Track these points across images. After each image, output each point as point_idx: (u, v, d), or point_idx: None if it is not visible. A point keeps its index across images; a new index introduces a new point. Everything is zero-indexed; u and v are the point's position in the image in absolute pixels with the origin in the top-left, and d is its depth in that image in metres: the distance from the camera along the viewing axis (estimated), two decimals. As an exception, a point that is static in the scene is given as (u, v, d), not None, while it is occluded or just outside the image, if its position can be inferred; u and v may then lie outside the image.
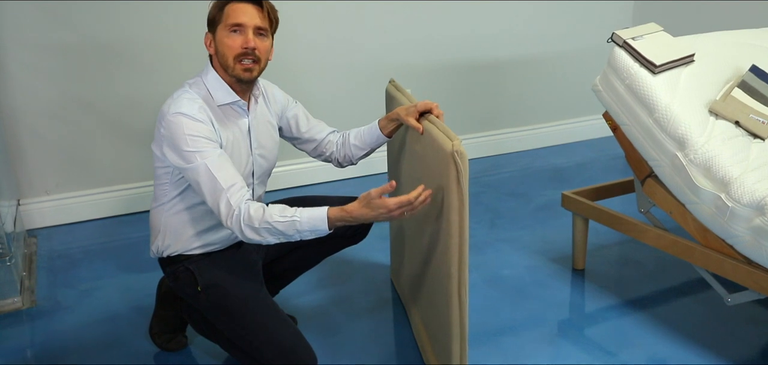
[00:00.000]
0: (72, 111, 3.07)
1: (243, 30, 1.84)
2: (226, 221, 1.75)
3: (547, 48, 4.06)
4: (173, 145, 1.79)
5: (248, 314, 1.86)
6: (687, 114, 2.15)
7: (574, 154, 4.11)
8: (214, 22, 1.87)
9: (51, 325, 2.35)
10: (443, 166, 1.69)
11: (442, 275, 1.80)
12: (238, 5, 1.84)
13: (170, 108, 1.81)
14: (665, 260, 2.71)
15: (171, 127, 1.78)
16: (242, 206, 1.73)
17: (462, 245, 1.70)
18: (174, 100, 1.83)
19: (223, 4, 1.85)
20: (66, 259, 2.85)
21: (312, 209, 1.72)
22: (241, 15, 1.84)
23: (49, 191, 3.14)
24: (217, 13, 1.86)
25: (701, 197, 2.06)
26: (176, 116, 1.77)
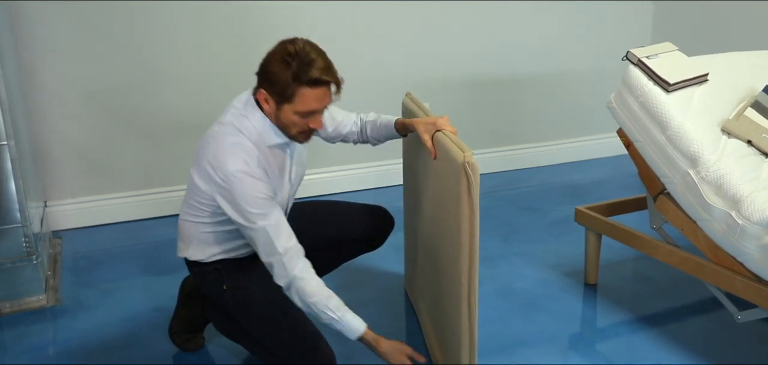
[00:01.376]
0: (97, 116, 3.16)
1: (314, 114, 1.83)
2: (276, 279, 1.86)
3: (566, 65, 4.09)
4: (234, 202, 1.80)
5: (271, 313, 1.94)
6: (699, 132, 2.17)
7: (590, 171, 4.12)
8: (280, 95, 1.80)
9: (73, 323, 2.42)
10: (455, 177, 1.74)
11: (452, 283, 1.84)
12: (313, 92, 1.78)
13: (228, 162, 1.78)
14: (678, 277, 2.72)
15: (233, 185, 1.78)
16: (297, 273, 1.83)
17: (472, 254, 1.74)
18: (229, 150, 1.79)
19: (295, 85, 1.77)
20: (89, 260, 2.93)
21: (350, 319, 1.89)
22: (315, 103, 1.81)
23: (74, 194, 3.23)
24: (286, 90, 1.78)
25: (712, 215, 2.08)
26: (240, 176, 1.77)
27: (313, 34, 3.37)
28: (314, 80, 1.77)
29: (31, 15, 2.93)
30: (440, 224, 1.95)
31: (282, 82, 1.77)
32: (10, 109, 2.35)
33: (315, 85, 1.78)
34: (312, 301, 1.85)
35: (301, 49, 1.78)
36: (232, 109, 1.90)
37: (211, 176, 1.82)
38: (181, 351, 2.23)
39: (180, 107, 3.29)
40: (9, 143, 2.35)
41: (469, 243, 1.73)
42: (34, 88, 3.02)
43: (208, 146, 1.85)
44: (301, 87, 1.77)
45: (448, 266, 1.89)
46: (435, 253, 2.06)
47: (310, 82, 1.77)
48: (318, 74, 1.77)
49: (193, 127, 3.31)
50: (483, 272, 2.78)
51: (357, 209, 2.29)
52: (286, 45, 1.79)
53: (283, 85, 1.78)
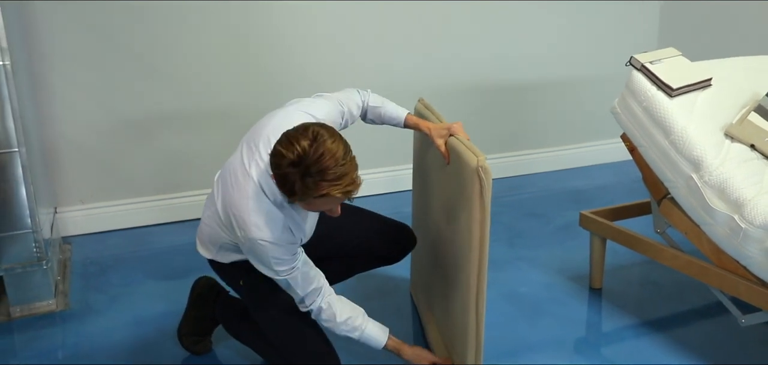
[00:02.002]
0: (107, 123, 3.20)
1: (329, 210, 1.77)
2: (298, 306, 1.93)
3: (570, 70, 4.11)
4: (255, 259, 1.82)
5: (284, 314, 1.97)
6: (702, 137, 2.19)
7: (595, 176, 4.13)
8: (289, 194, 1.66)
9: (82, 327, 2.45)
10: (468, 180, 1.76)
11: (460, 287, 1.86)
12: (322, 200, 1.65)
13: (252, 229, 1.72)
14: (683, 281, 2.72)
15: (256, 249, 1.76)
16: (315, 308, 1.91)
17: (482, 258, 1.76)
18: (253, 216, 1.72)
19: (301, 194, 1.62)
20: (98, 265, 2.96)
21: (371, 330, 1.96)
22: (326, 207, 1.72)
23: (84, 200, 3.27)
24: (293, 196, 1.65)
25: (715, 219, 2.09)
26: (264, 245, 1.74)
27: (323, 42, 3.43)
28: (322, 195, 1.63)
29: (43, 23, 2.98)
30: (450, 229, 1.97)
31: (287, 188, 1.64)
32: (21, 116, 2.39)
33: (323, 197, 1.64)
34: (335, 323, 1.93)
35: (309, 152, 1.59)
36: (256, 157, 1.78)
37: (234, 229, 1.80)
38: (189, 355, 2.26)
39: (189, 114, 3.32)
40: (20, 150, 2.39)
41: (479, 247, 1.75)
42: (45, 95, 3.06)
43: (232, 194, 1.77)
44: (309, 197, 1.64)
45: (456, 270, 1.91)
46: (444, 257, 2.08)
47: (319, 196, 1.63)
48: (326, 190, 1.61)
49: (202, 133, 3.35)
50: (489, 277, 2.74)
51: (379, 223, 2.24)
52: (292, 146, 1.60)
53: (289, 191, 1.64)
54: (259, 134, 1.82)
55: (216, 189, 1.90)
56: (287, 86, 3.38)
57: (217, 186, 1.90)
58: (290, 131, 1.65)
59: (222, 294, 2.23)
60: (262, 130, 1.84)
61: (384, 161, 3.73)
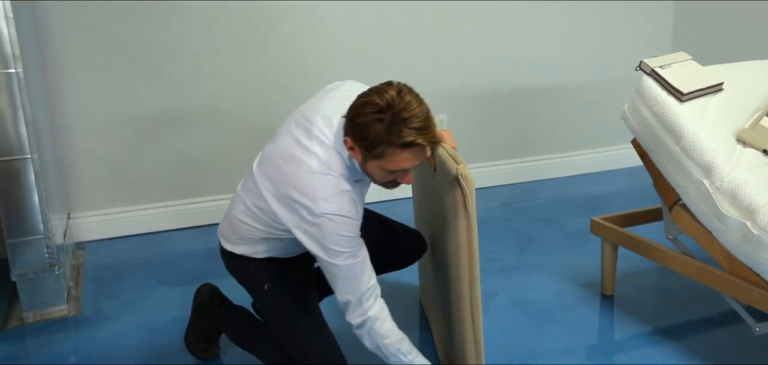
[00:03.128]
0: (120, 129, 3.23)
1: (405, 172, 1.69)
2: (348, 314, 1.81)
3: (583, 75, 4.09)
4: (320, 241, 1.71)
5: (302, 322, 1.96)
6: (714, 142, 2.16)
7: (608, 182, 4.10)
8: (368, 151, 1.63)
9: (94, 333, 2.47)
10: (451, 189, 1.75)
11: (456, 295, 1.86)
12: (405, 153, 1.62)
13: (321, 203, 1.66)
14: (696, 288, 2.69)
15: (324, 226, 1.68)
16: (373, 314, 1.79)
17: (472, 265, 1.75)
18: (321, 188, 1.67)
19: (385, 145, 1.60)
20: (111, 271, 2.99)
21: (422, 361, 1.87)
22: (406, 163, 1.65)
23: (97, 206, 3.30)
24: (375, 148, 1.61)
25: (727, 225, 2.06)
26: (335, 218, 1.67)
27: (326, 49, 3.44)
28: (408, 144, 1.60)
29: (55, 31, 3.02)
30: (442, 237, 1.97)
31: (371, 139, 1.60)
32: (34, 123, 2.42)
33: (408, 147, 1.61)
34: (385, 343, 1.82)
35: (394, 101, 1.59)
36: (316, 133, 1.75)
37: (295, 210, 1.71)
38: (197, 361, 2.27)
39: (202, 119, 3.34)
40: (32, 157, 2.42)
41: (468, 255, 1.74)
42: (59, 103, 3.10)
43: (292, 174, 1.71)
44: (392, 148, 1.60)
45: (451, 278, 1.91)
46: (440, 266, 2.07)
47: (404, 145, 1.60)
48: (413, 137, 1.58)
49: (216, 138, 3.38)
50: (498, 284, 2.79)
51: (392, 229, 2.23)
52: (380, 94, 1.61)
53: (371, 142, 1.61)
54: (313, 114, 1.79)
55: (258, 180, 1.82)
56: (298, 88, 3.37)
57: (258, 176, 1.82)
58: (372, 88, 1.65)
59: (225, 302, 2.24)
60: (315, 110, 1.80)
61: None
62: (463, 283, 1.77)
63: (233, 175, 3.24)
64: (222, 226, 2.01)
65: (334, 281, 1.78)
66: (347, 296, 1.78)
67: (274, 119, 1.92)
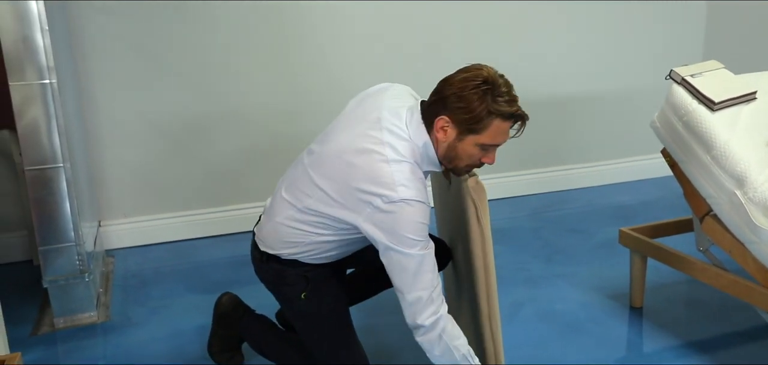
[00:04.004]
0: (150, 137, 3.28)
1: (493, 149, 1.74)
2: (419, 315, 1.71)
3: (613, 84, 4.03)
4: (393, 229, 1.67)
5: (335, 335, 1.97)
6: (746, 151, 2.11)
7: (639, 192, 4.03)
8: (469, 125, 1.69)
9: (122, 339, 2.51)
10: (464, 200, 1.74)
11: (473, 309, 1.84)
12: (504, 125, 1.71)
13: (399, 188, 1.64)
14: (728, 302, 2.63)
15: (402, 211, 1.65)
16: (444, 313, 1.73)
17: (489, 277, 1.73)
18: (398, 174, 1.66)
19: (490, 116, 1.68)
20: (139, 278, 3.03)
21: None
22: (501, 137, 1.72)
23: (127, 214, 3.35)
24: (479, 121, 1.68)
25: (761, 237, 2.01)
26: (413, 203, 1.65)
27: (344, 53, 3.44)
28: (510, 114, 1.70)
29: (88, 41, 3.08)
30: (460, 250, 1.95)
31: (476, 112, 1.67)
32: (66, 132, 2.47)
33: (508, 118, 1.70)
34: (457, 344, 1.75)
35: (493, 77, 1.70)
36: (386, 125, 1.74)
37: (367, 202, 1.68)
38: (222, 368, 2.29)
39: (232, 127, 3.38)
40: (65, 166, 2.47)
41: (483, 268, 1.72)
42: (91, 112, 3.16)
43: (363, 166, 1.69)
44: (495, 119, 1.68)
45: (469, 292, 1.89)
46: (458, 279, 2.06)
47: (505, 116, 1.69)
48: (514, 109, 1.71)
49: (245, 146, 3.41)
50: (524, 294, 2.76)
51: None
52: (476, 72, 1.71)
53: (476, 115, 1.67)
54: (379, 109, 1.79)
55: (316, 181, 1.78)
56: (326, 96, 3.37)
57: (316, 178, 1.79)
58: (459, 70, 1.76)
59: (247, 312, 2.24)
60: (379, 106, 1.81)
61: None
62: (480, 297, 1.75)
63: (262, 183, 3.28)
64: (262, 233, 1.96)
65: (403, 277, 1.70)
66: (419, 292, 1.70)
67: (303, 127, 1.93)
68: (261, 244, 1.98)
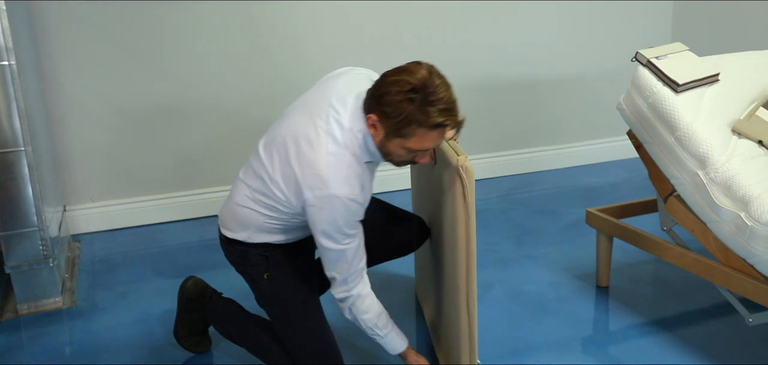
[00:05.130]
0: (117, 121, 3.23)
1: (424, 152, 1.72)
2: (334, 289, 1.87)
3: (583, 67, 4.07)
4: (325, 222, 1.72)
5: (299, 316, 1.97)
6: (709, 133, 2.15)
7: (606, 173, 4.09)
8: (394, 129, 1.66)
9: (88, 325, 2.48)
10: (451, 180, 1.74)
11: (452, 287, 1.85)
12: (431, 134, 1.65)
13: (332, 184, 1.67)
14: (691, 280, 2.68)
15: (334, 207, 1.69)
16: (356, 292, 1.85)
17: (470, 258, 1.74)
18: (333, 168, 1.68)
19: (414, 125, 1.63)
20: (106, 263, 2.99)
21: (394, 338, 1.96)
22: (429, 143, 1.68)
23: (93, 198, 3.30)
24: (402, 127, 1.64)
25: (721, 216, 2.05)
26: (345, 201, 1.69)
27: (333, 37, 3.43)
28: (435, 125, 1.63)
29: (52, 25, 3.01)
30: (441, 229, 1.96)
31: (399, 118, 1.62)
32: (27, 116, 2.42)
33: (437, 128, 1.64)
34: (363, 318, 1.89)
35: (426, 82, 1.61)
36: (332, 114, 1.75)
37: (305, 189, 1.72)
38: (189, 353, 2.26)
39: (198, 113, 3.34)
40: (26, 149, 2.42)
41: (466, 247, 1.73)
42: (54, 95, 3.10)
43: (305, 153, 1.72)
44: (422, 128, 1.63)
45: (448, 271, 1.90)
46: (438, 257, 2.07)
47: (430, 126, 1.63)
48: (443, 118, 1.62)
49: (213, 130, 3.37)
50: (494, 275, 2.79)
51: (394, 215, 2.23)
52: (411, 73, 1.63)
53: (399, 121, 1.63)
54: (327, 95, 1.80)
55: (265, 161, 1.81)
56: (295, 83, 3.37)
57: (265, 158, 1.82)
58: (400, 67, 1.67)
59: (214, 295, 2.22)
60: (328, 91, 1.81)
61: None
62: (459, 276, 1.76)
63: (230, 167, 3.24)
64: (222, 214, 2.00)
65: (326, 258, 1.82)
66: (335, 274, 1.84)
67: (273, 111, 1.92)
68: (221, 226, 2.00)
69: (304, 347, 1.97)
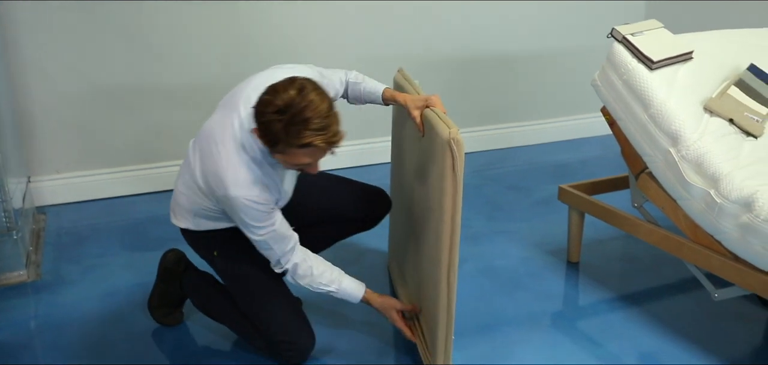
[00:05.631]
0: (84, 92, 3.14)
1: (307, 165, 1.74)
2: (273, 268, 1.93)
3: (556, 43, 4.07)
4: (234, 216, 1.82)
5: (258, 286, 1.99)
6: (682, 111, 2.16)
7: (579, 150, 4.11)
8: (271, 146, 1.68)
9: (54, 298, 2.42)
10: (440, 153, 1.73)
11: (433, 260, 1.84)
12: (304, 151, 1.65)
13: (230, 186, 1.74)
14: (660, 256, 2.72)
15: (234, 205, 1.76)
16: (289, 267, 1.91)
17: (454, 231, 1.74)
18: (231, 171, 1.74)
19: (284, 144, 1.64)
20: (73, 236, 2.92)
21: (349, 285, 2.00)
22: (306, 160, 1.70)
23: (59, 169, 3.22)
24: (276, 144, 1.66)
25: (692, 193, 2.07)
26: (242, 200, 1.75)
27: (308, 11, 3.37)
28: (305, 145, 1.64)
29: (13, -12, 2.91)
30: (424, 201, 1.95)
31: (270, 137, 1.65)
32: (-12, 83, 2.34)
33: (306, 147, 1.65)
34: (305, 282, 1.94)
35: (292, 102, 1.61)
36: (235, 116, 1.79)
37: (213, 189, 1.81)
38: (160, 326, 2.24)
39: (169, 81, 3.26)
40: (-13, 117, 2.34)
41: (451, 221, 1.73)
42: (18, 63, 3.00)
43: (210, 155, 1.78)
44: (289, 147, 1.65)
45: (429, 243, 1.89)
46: (418, 230, 2.06)
47: (299, 146, 1.65)
48: (310, 139, 1.62)
49: (183, 101, 3.30)
50: (466, 251, 2.79)
51: (354, 187, 2.27)
52: (280, 94, 1.62)
53: (271, 140, 1.66)
54: (239, 94, 1.84)
55: (192, 155, 1.89)
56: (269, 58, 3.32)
57: (193, 152, 1.89)
58: (276, 83, 1.67)
59: (190, 267, 2.21)
60: (242, 90, 1.85)
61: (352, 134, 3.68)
62: (442, 249, 1.75)
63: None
64: (172, 200, 2.04)
65: (253, 244, 1.89)
66: (266, 254, 1.90)
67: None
68: (171, 214, 2.05)
69: (271, 319, 1.98)
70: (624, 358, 2.11)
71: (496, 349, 2.15)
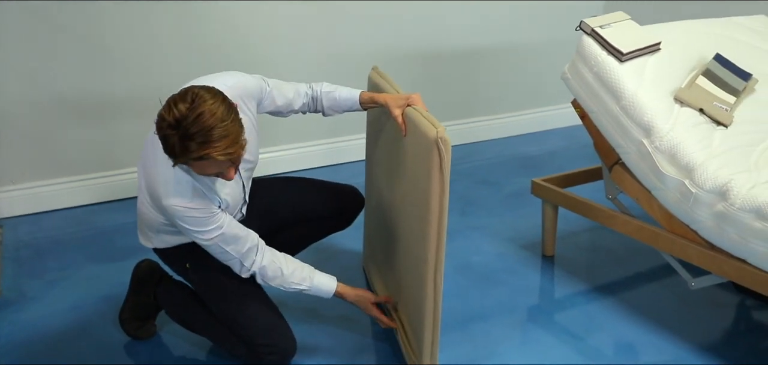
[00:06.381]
0: (40, 100, 3.01)
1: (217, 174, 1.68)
2: (239, 273, 1.89)
3: (520, 36, 4.09)
4: (180, 227, 1.79)
5: (233, 292, 1.95)
6: (653, 102, 2.18)
7: (546, 142, 4.14)
8: (172, 157, 1.61)
9: (16, 316, 2.31)
10: (426, 152, 1.70)
11: (418, 260, 1.82)
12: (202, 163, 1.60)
13: (162, 196, 1.73)
14: (634, 247, 2.75)
15: (172, 215, 1.76)
16: (257, 269, 1.88)
17: (440, 231, 1.72)
18: (162, 182, 1.73)
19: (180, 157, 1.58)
20: (32, 249, 2.81)
21: (321, 281, 1.97)
22: (211, 170, 1.65)
23: (15, 180, 3.08)
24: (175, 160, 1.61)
25: (666, 184, 2.09)
26: (176, 208, 1.73)
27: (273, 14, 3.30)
28: (200, 157, 1.58)
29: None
30: (407, 202, 1.92)
31: (170, 151, 1.59)
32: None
33: (201, 160, 1.59)
34: (276, 283, 1.92)
35: (187, 114, 1.54)
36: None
37: (155, 202, 1.81)
38: (132, 340, 2.16)
39: (127, 88, 3.16)
40: (-61, 129, 2.22)
41: (438, 220, 1.71)
42: (-33, 69, 2.86)
43: (147, 168, 1.80)
44: (190, 160, 1.59)
45: (413, 243, 1.86)
46: (399, 231, 2.03)
47: (195, 159, 1.58)
48: (205, 151, 1.56)
49: (141, 108, 3.20)
50: (441, 248, 2.77)
51: (326, 187, 2.26)
52: (170, 109, 1.56)
53: (171, 153, 1.60)
54: None
55: (139, 172, 1.89)
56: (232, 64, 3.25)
57: (139, 169, 1.90)
58: (173, 95, 1.62)
59: (164, 278, 2.14)
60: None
61: (323, 132, 3.65)
62: (429, 248, 1.73)
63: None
64: (137, 220, 2.01)
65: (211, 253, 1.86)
66: (225, 261, 1.87)
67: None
68: (139, 234, 2.02)
69: (250, 324, 1.94)
70: (603, 350, 2.12)
71: (477, 349, 2.14)
